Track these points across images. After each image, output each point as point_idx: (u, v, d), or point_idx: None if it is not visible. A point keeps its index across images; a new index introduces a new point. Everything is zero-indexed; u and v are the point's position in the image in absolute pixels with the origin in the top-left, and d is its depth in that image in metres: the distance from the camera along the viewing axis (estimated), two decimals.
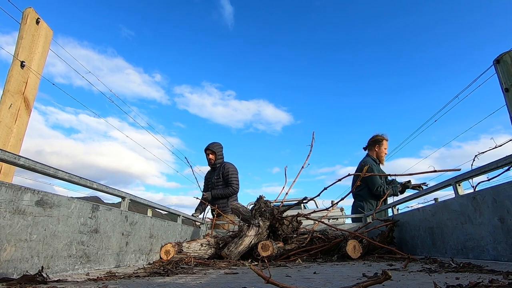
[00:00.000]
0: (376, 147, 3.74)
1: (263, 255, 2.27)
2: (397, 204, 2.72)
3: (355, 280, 1.08)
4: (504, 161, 1.43)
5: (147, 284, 1.07)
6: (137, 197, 2.05)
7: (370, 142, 3.82)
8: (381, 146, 3.72)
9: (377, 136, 3.80)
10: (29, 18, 2.10)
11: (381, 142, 3.72)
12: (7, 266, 1.06)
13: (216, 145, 3.90)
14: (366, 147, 3.89)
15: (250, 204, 4.29)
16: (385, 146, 3.73)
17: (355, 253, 2.17)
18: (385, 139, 3.77)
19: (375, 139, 3.78)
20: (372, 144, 3.79)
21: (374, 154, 3.75)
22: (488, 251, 1.50)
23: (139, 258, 1.96)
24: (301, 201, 2.57)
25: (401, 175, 2.18)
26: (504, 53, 2.00)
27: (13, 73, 1.98)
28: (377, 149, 3.74)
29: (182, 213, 3.07)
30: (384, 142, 3.74)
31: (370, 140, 3.83)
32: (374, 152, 3.75)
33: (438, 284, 0.82)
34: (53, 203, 1.28)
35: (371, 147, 3.79)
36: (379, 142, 3.74)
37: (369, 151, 3.82)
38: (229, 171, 3.72)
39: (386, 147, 3.76)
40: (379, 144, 3.73)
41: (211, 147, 3.87)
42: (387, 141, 3.78)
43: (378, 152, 3.72)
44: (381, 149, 3.72)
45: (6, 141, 1.91)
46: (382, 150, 3.72)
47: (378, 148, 3.72)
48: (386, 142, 3.76)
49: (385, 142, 3.75)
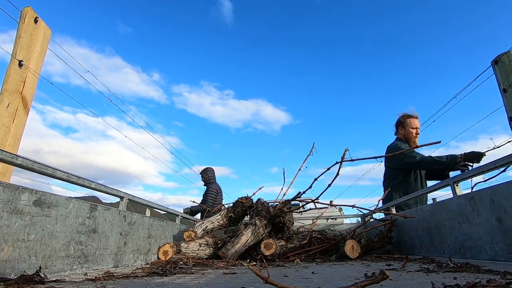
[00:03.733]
0: (400, 129, 3.22)
1: (266, 253, 2.27)
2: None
3: (354, 280, 1.08)
4: (502, 161, 1.44)
5: (146, 284, 1.07)
6: (135, 197, 2.04)
7: (395, 125, 3.31)
8: (405, 127, 3.16)
9: (400, 118, 3.27)
10: (27, 17, 2.09)
11: (404, 123, 3.17)
12: (5, 266, 1.05)
13: (203, 171, 5.01)
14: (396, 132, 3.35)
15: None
16: (411, 125, 3.14)
17: (353, 253, 2.17)
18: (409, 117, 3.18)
19: (397, 121, 3.28)
20: (397, 127, 3.29)
21: (401, 137, 3.23)
22: (486, 251, 1.51)
23: (138, 258, 1.96)
24: (296, 196, 2.57)
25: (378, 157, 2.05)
26: (502, 54, 2.01)
27: (11, 72, 1.97)
28: (401, 131, 3.20)
29: (181, 213, 3.07)
30: (410, 121, 3.15)
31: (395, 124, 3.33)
32: (401, 135, 3.23)
33: (436, 284, 0.82)
34: (51, 203, 1.28)
35: (397, 130, 3.29)
36: (402, 123, 3.21)
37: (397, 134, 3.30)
38: (207, 192, 4.76)
39: (414, 126, 3.14)
40: (402, 126, 3.20)
41: (201, 173, 5.05)
42: (415, 119, 3.18)
43: (404, 134, 3.17)
44: (406, 130, 3.15)
45: (4, 141, 1.90)
46: (409, 131, 3.13)
47: (403, 130, 3.19)
48: (412, 120, 3.16)
49: (410, 121, 3.15)
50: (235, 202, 3.09)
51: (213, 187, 4.79)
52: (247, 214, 3.09)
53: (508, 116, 1.98)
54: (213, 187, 4.79)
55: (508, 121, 1.97)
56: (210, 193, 4.71)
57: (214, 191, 4.74)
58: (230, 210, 3.02)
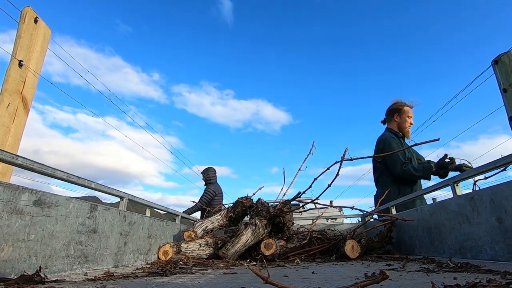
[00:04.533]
0: (396, 117, 2.92)
1: (266, 253, 2.28)
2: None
3: (354, 280, 1.08)
4: (502, 161, 1.44)
5: (146, 284, 1.07)
6: (135, 197, 2.04)
7: (388, 111, 3.02)
8: (401, 115, 2.89)
9: (395, 104, 2.97)
10: (27, 17, 2.09)
11: (401, 110, 2.90)
12: (5, 266, 1.05)
13: (204, 170, 5.04)
14: (384, 120, 3.09)
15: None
16: (408, 114, 2.90)
17: (353, 253, 2.17)
18: (406, 105, 2.92)
19: (393, 107, 2.98)
20: (390, 114, 2.98)
21: (394, 126, 2.93)
22: (486, 251, 1.51)
23: (138, 258, 1.96)
24: (296, 196, 2.58)
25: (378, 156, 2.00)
26: (503, 54, 2.01)
27: (11, 72, 1.97)
28: (397, 119, 2.91)
29: (181, 213, 3.07)
30: (406, 110, 2.90)
31: (388, 109, 3.03)
32: (395, 123, 2.93)
33: (436, 284, 0.82)
34: (51, 203, 1.28)
35: (390, 117, 2.99)
36: (398, 110, 2.92)
37: (388, 123, 3.00)
38: (204, 192, 4.82)
39: (410, 115, 2.91)
40: (398, 113, 2.91)
41: (202, 172, 5.07)
42: (410, 108, 2.93)
43: (399, 123, 2.89)
44: (402, 118, 2.88)
45: (4, 141, 1.90)
46: (405, 120, 2.88)
47: (398, 117, 2.90)
48: (409, 109, 2.92)
49: (407, 109, 2.91)
50: (235, 202, 3.09)
51: (211, 188, 4.82)
52: (247, 214, 3.09)
53: (508, 116, 1.98)
54: (212, 188, 4.82)
55: (508, 121, 1.97)
56: (207, 193, 4.75)
57: (211, 191, 4.77)
58: (230, 210, 3.02)
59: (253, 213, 2.65)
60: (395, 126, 2.93)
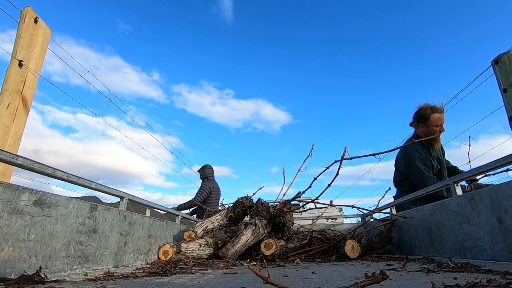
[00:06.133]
0: (422, 127, 2.67)
1: (266, 253, 2.28)
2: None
3: (354, 280, 1.08)
4: (502, 161, 1.44)
5: (146, 284, 1.07)
6: (135, 197, 2.04)
7: (416, 117, 2.74)
8: (428, 125, 2.62)
9: (421, 110, 2.68)
10: (28, 17, 2.09)
11: (428, 120, 2.62)
12: (5, 266, 1.05)
13: (201, 168, 5.02)
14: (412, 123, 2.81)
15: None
16: (436, 122, 2.61)
17: (353, 253, 2.17)
18: (435, 112, 2.62)
19: (419, 114, 2.69)
20: (417, 121, 2.72)
21: (422, 134, 2.67)
22: (486, 251, 1.51)
23: (138, 258, 1.96)
24: (296, 196, 2.57)
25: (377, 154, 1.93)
26: (503, 54, 2.01)
27: (11, 72, 1.97)
28: (423, 129, 2.66)
29: (181, 213, 3.07)
30: (434, 118, 2.60)
31: (414, 115, 2.76)
32: (422, 132, 2.68)
33: (436, 284, 0.82)
34: (51, 203, 1.28)
35: (416, 124, 2.74)
36: (424, 119, 2.64)
37: (417, 129, 2.75)
38: (199, 188, 4.75)
39: (439, 123, 2.62)
40: (424, 123, 2.65)
41: (199, 170, 5.04)
42: (440, 114, 2.62)
43: (426, 132, 2.64)
44: (429, 128, 2.62)
45: (4, 141, 1.90)
46: (432, 130, 2.61)
47: (424, 127, 2.65)
48: (437, 116, 2.61)
49: (435, 117, 2.60)
50: (235, 202, 3.09)
51: (206, 184, 4.75)
52: (247, 214, 3.10)
53: (508, 116, 1.98)
54: (208, 184, 4.75)
55: (508, 121, 1.97)
56: (202, 189, 4.68)
57: (207, 187, 4.69)
58: (230, 210, 3.03)
59: (253, 213, 2.65)
60: (423, 134, 2.69)
